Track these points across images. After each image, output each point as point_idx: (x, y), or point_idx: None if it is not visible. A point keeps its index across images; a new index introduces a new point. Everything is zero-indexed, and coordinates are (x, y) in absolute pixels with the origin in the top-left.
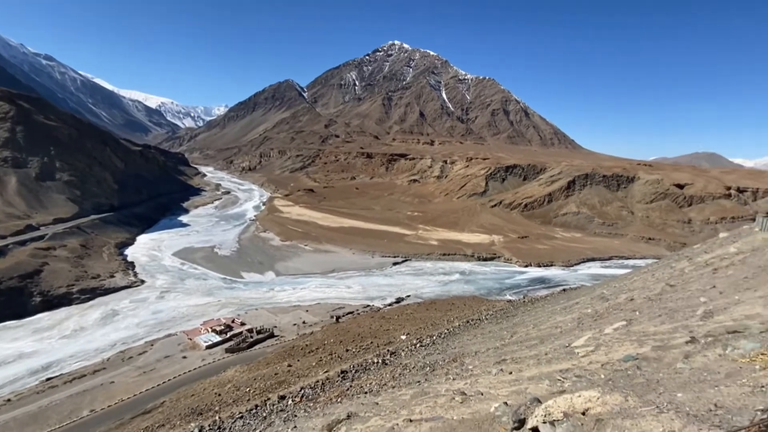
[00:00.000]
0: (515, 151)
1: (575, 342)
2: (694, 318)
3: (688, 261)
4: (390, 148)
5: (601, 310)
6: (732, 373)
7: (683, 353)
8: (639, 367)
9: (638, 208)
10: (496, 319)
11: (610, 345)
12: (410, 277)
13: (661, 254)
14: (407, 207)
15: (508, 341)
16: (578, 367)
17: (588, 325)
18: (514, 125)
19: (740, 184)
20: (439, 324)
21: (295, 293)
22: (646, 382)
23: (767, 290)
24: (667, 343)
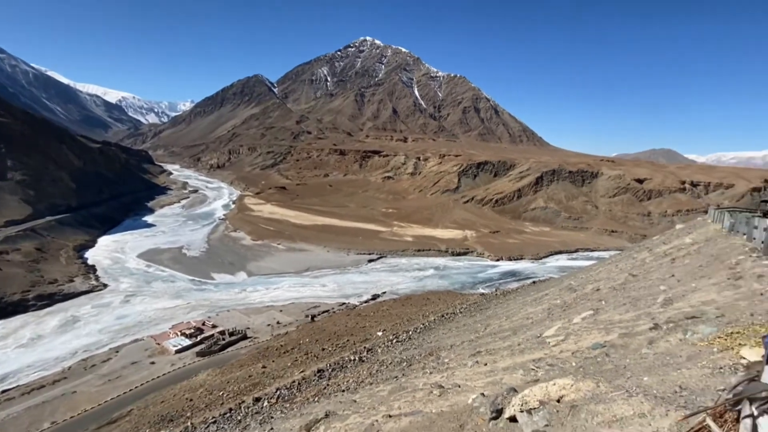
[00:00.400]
0: (486, 148)
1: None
2: (656, 305)
3: (649, 252)
4: (363, 145)
5: (570, 300)
6: (693, 356)
7: (647, 339)
8: (607, 354)
9: (602, 202)
10: (470, 313)
11: (579, 334)
12: (386, 274)
13: (624, 246)
14: (382, 204)
15: (482, 333)
16: (550, 356)
17: (558, 316)
18: (485, 123)
19: (694, 179)
20: (414, 319)
21: (268, 293)
22: (615, 368)
23: (720, 277)
24: (632, 330)
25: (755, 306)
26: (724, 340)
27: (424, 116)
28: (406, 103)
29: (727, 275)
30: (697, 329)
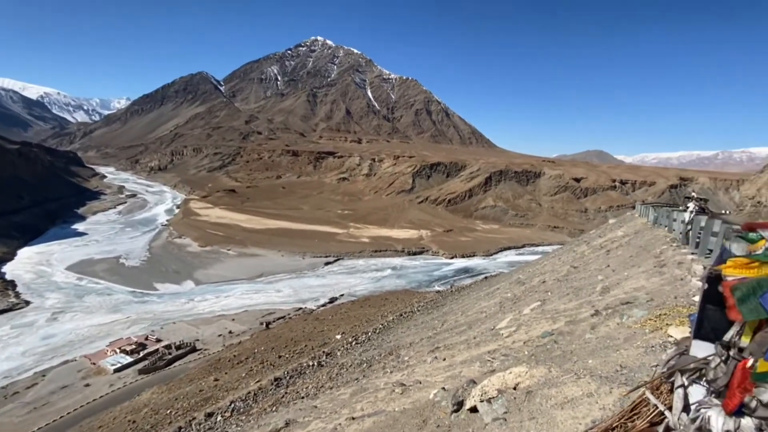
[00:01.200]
0: (438, 150)
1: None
2: (595, 294)
3: (587, 245)
4: (317, 146)
5: (519, 293)
6: (629, 338)
7: (590, 325)
8: (556, 341)
9: (544, 200)
10: (427, 310)
11: (529, 324)
12: (343, 276)
13: (565, 240)
14: (337, 205)
15: (439, 330)
16: (504, 347)
17: (509, 308)
18: (437, 125)
19: (623, 177)
20: (373, 320)
21: (218, 302)
22: (563, 354)
23: (648, 266)
24: (576, 317)
25: (677, 290)
26: (654, 321)
27: (377, 118)
28: (359, 105)
29: (654, 263)
30: (632, 313)
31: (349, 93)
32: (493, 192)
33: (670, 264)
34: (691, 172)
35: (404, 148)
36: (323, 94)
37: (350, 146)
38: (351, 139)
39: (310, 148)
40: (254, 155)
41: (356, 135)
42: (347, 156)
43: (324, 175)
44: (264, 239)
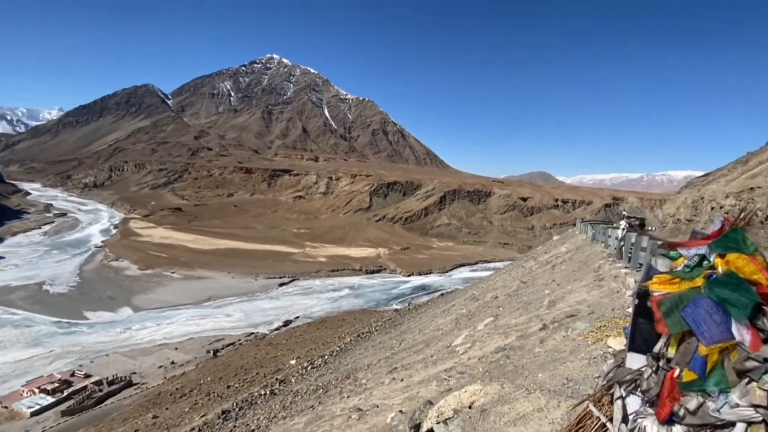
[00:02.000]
0: (395, 169)
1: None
2: (543, 308)
3: (534, 261)
4: (272, 163)
5: (473, 309)
6: (574, 350)
7: (539, 339)
8: (508, 356)
9: (495, 218)
10: (385, 329)
11: (483, 340)
12: (299, 297)
13: (514, 256)
14: (293, 224)
15: (397, 349)
16: (460, 364)
17: (464, 324)
18: (393, 145)
19: (564, 197)
20: (330, 342)
21: (160, 330)
22: (515, 369)
23: (589, 280)
24: (526, 331)
25: (614, 302)
26: (595, 333)
27: (335, 137)
28: (316, 123)
29: (593, 277)
30: (575, 326)
31: (306, 111)
32: (448, 210)
33: (608, 278)
34: (622, 192)
35: (361, 167)
36: (279, 112)
37: (307, 164)
38: (308, 157)
39: (264, 166)
40: (204, 172)
41: (313, 153)
42: (304, 174)
43: (279, 193)
44: (213, 260)
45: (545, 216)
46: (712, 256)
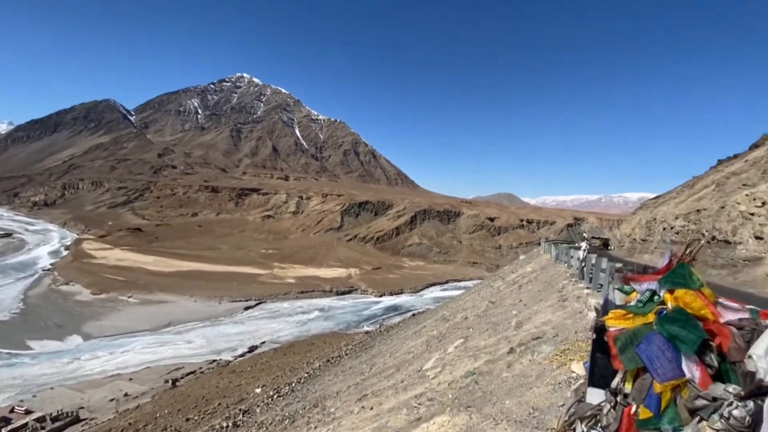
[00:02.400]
0: (366, 189)
1: (426, 365)
2: (510, 329)
3: (502, 280)
4: (240, 182)
5: (444, 330)
6: (540, 375)
7: (506, 363)
8: (477, 381)
9: (464, 238)
10: (355, 353)
11: (453, 363)
12: (265, 321)
13: (483, 275)
14: (261, 245)
15: (368, 374)
16: (430, 390)
17: (435, 347)
18: (364, 165)
19: (529, 217)
20: (298, 368)
21: (113, 359)
22: (483, 395)
23: (553, 300)
24: (495, 353)
25: (577, 323)
26: (559, 357)
27: (306, 156)
28: (287, 142)
29: (558, 297)
30: (541, 349)
31: (277, 131)
32: (419, 230)
33: (571, 298)
34: (582, 213)
35: (333, 187)
36: (248, 130)
37: (276, 183)
38: (277, 176)
39: (232, 184)
40: (167, 190)
41: (283, 172)
42: (273, 193)
43: (247, 213)
44: (174, 283)
45: (512, 235)
46: (662, 291)
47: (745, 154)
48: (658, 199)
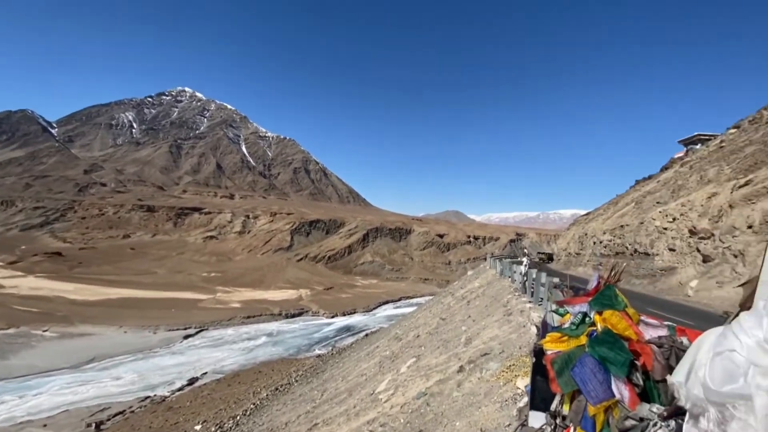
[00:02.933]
0: (317, 207)
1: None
2: (460, 346)
3: (452, 296)
4: (180, 201)
5: (396, 350)
6: (488, 393)
7: (456, 382)
8: (428, 403)
9: (416, 255)
10: (306, 379)
11: (406, 384)
12: (207, 350)
13: (435, 291)
14: (202, 267)
15: (319, 401)
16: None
17: (388, 368)
18: (315, 183)
19: (475, 234)
20: (244, 399)
21: (23, 404)
22: (435, 417)
23: (499, 315)
24: (446, 373)
25: (522, 338)
26: (506, 373)
27: (253, 174)
28: (232, 159)
29: (503, 312)
30: (488, 366)
31: (221, 147)
32: (371, 248)
33: (515, 312)
34: (523, 228)
35: (282, 205)
36: (190, 146)
37: (220, 202)
38: (222, 195)
39: (170, 203)
40: (94, 210)
41: (228, 190)
42: (217, 212)
43: (187, 234)
44: (100, 313)
45: (460, 251)
46: (592, 313)
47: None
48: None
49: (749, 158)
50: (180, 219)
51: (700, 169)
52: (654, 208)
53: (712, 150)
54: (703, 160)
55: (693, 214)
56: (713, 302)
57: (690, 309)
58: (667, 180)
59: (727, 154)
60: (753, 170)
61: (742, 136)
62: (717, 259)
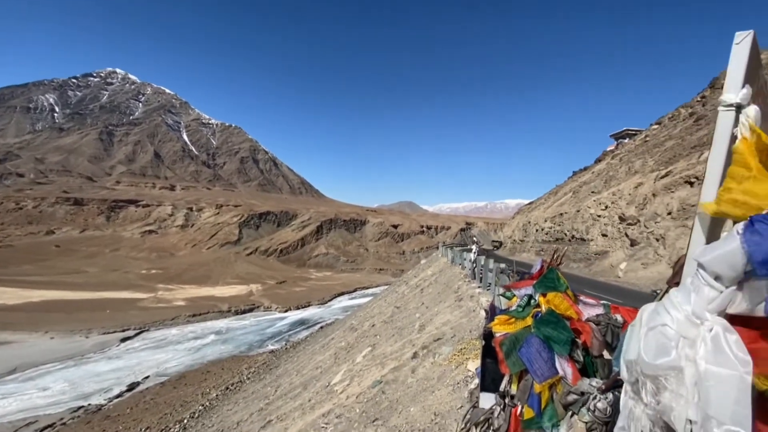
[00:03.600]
0: (267, 199)
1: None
2: (414, 332)
3: (406, 285)
4: (113, 193)
5: (352, 340)
6: (441, 376)
7: (411, 368)
8: (383, 391)
9: (371, 246)
10: (259, 376)
11: (361, 374)
12: (148, 353)
13: (390, 281)
14: (140, 264)
15: (272, 398)
16: (338, 406)
17: (343, 358)
18: (264, 174)
19: (428, 223)
20: (191, 402)
21: None
22: (390, 404)
23: (451, 301)
24: (400, 360)
25: (472, 322)
26: (457, 356)
27: (196, 163)
28: (172, 148)
29: (454, 298)
30: (441, 351)
31: (159, 135)
32: (325, 240)
33: (466, 298)
34: (472, 218)
35: (229, 197)
36: (123, 133)
37: (160, 194)
38: (161, 186)
39: (101, 196)
40: (10, 204)
41: (168, 181)
42: (156, 205)
43: (122, 228)
44: (21, 318)
45: (414, 241)
46: (537, 295)
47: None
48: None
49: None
50: (114, 212)
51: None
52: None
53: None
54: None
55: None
56: (639, 282)
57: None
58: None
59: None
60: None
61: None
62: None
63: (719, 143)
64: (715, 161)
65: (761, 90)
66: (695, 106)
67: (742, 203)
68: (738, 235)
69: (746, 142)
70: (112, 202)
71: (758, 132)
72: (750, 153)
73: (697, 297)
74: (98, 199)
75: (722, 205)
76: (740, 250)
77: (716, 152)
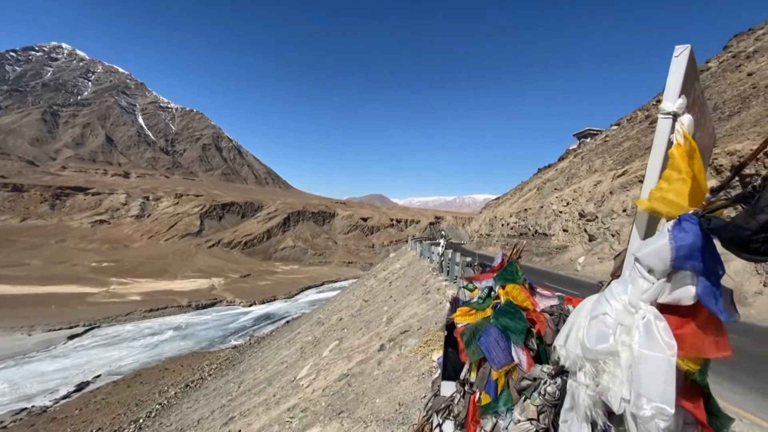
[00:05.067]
0: (231, 189)
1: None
2: (382, 325)
3: (375, 278)
4: (59, 179)
5: (319, 334)
6: (407, 368)
7: (377, 361)
8: (350, 384)
9: (339, 239)
10: (221, 372)
11: (327, 368)
12: (99, 350)
13: (358, 274)
14: (90, 257)
15: (236, 394)
16: (304, 400)
17: (310, 353)
18: (228, 162)
19: (398, 217)
20: (147, 401)
21: None
22: (356, 397)
23: (418, 294)
24: (367, 353)
25: (438, 314)
26: (423, 348)
27: (153, 149)
28: (126, 132)
29: (422, 291)
30: (407, 343)
31: (112, 117)
32: (293, 232)
33: (433, 290)
34: (441, 212)
35: (189, 186)
36: (70, 114)
37: (112, 181)
38: (114, 173)
39: (45, 182)
40: None
41: (122, 168)
42: (108, 193)
43: (69, 218)
44: None
45: (383, 234)
46: (497, 287)
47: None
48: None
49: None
50: (59, 200)
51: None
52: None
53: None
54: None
55: (582, 199)
56: (595, 275)
57: (577, 281)
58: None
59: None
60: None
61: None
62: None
63: (658, 147)
64: (653, 163)
65: (697, 100)
66: (651, 109)
67: (670, 202)
68: (668, 232)
69: (680, 148)
70: (57, 189)
71: (689, 139)
72: (682, 158)
73: (633, 288)
74: (41, 185)
75: (654, 203)
76: (669, 246)
77: (655, 155)
